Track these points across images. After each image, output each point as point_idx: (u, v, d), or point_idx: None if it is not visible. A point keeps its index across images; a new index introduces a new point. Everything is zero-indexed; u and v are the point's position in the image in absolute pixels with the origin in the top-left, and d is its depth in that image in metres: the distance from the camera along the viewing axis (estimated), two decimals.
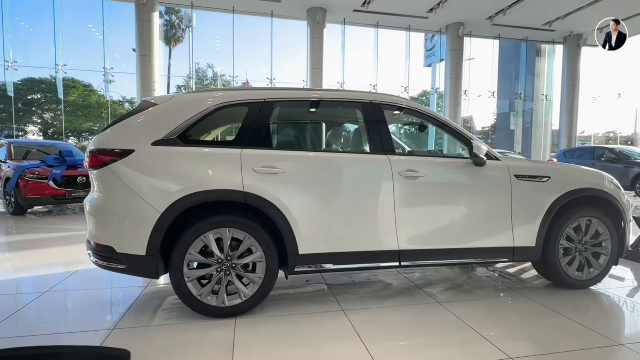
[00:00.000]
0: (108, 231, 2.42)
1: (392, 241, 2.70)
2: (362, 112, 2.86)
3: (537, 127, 20.42)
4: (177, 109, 2.58)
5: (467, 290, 3.15)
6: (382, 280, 3.38)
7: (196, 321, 2.43)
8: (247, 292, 2.49)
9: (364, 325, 2.41)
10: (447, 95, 15.90)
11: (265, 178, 2.48)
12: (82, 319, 2.61)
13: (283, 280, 3.22)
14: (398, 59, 17.70)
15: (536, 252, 2.97)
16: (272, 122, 2.74)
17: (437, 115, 3.02)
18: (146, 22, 12.51)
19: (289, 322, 2.47)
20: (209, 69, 24.54)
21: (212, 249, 2.43)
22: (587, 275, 3.10)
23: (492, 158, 2.94)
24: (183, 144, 2.48)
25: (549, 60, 19.88)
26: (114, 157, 2.38)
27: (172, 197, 2.35)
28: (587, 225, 3.08)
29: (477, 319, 2.54)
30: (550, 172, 3.01)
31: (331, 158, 2.75)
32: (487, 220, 2.87)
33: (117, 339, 2.21)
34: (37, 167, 6.79)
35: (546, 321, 2.54)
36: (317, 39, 13.97)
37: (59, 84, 15.81)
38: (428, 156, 3.13)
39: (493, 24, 15.21)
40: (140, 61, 12.55)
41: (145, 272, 2.41)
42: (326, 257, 2.61)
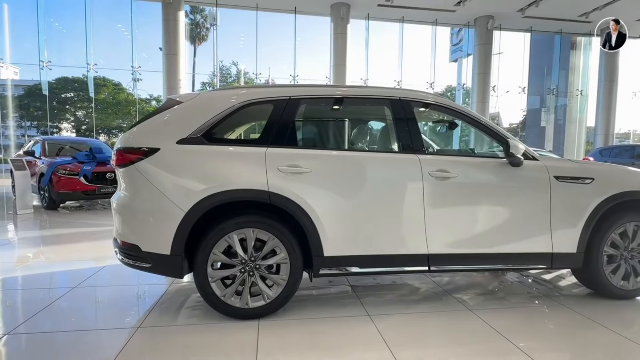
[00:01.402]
0: (134, 230, 2.42)
1: (422, 245, 2.58)
2: (391, 109, 2.75)
3: (571, 124, 19.50)
4: (202, 107, 2.54)
5: (500, 297, 2.99)
6: (408, 283, 3.26)
7: (220, 322, 2.40)
8: (271, 293, 2.44)
9: (392, 332, 2.31)
10: (474, 91, 15.41)
11: (291, 178, 2.42)
12: (109, 315, 2.64)
13: (306, 281, 3.15)
14: (423, 55, 17.33)
15: (577, 259, 2.77)
16: (297, 120, 2.67)
17: (470, 112, 2.86)
18: (172, 21, 12.73)
19: (314, 326, 2.40)
20: (233, 67, 24.85)
21: (236, 249, 2.39)
22: (633, 284, 2.87)
23: (529, 158, 2.76)
24: (208, 142, 2.45)
25: (585, 54, 18.91)
26: (140, 155, 2.38)
27: (197, 197, 2.32)
28: (635, 231, 2.85)
29: (511, 328, 2.39)
30: (594, 174, 2.80)
31: (358, 157, 2.65)
32: (524, 224, 2.70)
33: (141, 338, 2.21)
34: (68, 164, 7.02)
35: (586, 333, 2.36)
36: (341, 35, 13.81)
37: (90, 83, 16.37)
38: (460, 156, 2.97)
39: (524, 16, 14.57)
40: (167, 59, 12.79)
41: (169, 271, 2.40)
42: (352, 260, 2.52)
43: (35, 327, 2.34)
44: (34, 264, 3.87)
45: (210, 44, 18.70)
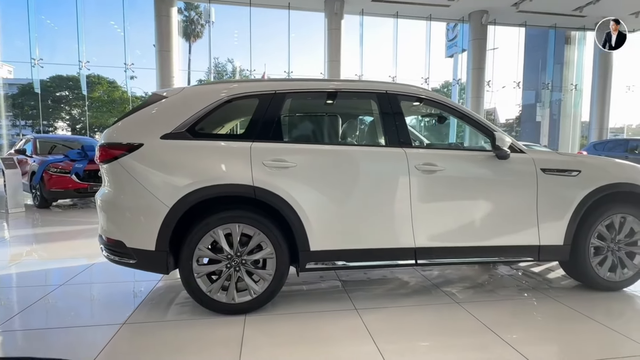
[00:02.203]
0: (118, 226, 2.40)
1: (408, 238, 2.58)
2: (378, 103, 2.73)
3: (566, 119, 19.57)
4: (186, 102, 2.52)
5: (489, 290, 2.99)
6: (398, 278, 3.26)
7: (206, 318, 2.40)
8: (257, 288, 2.44)
9: (378, 325, 2.31)
10: (469, 87, 15.42)
11: (276, 172, 2.40)
12: (97, 312, 2.63)
13: (296, 276, 3.16)
14: (418, 50, 17.29)
15: (564, 252, 2.78)
16: (283, 115, 2.65)
17: (457, 105, 2.86)
18: (165, 17, 12.64)
19: (300, 320, 2.40)
20: (229, 64, 24.70)
21: (222, 244, 2.38)
22: (620, 276, 2.89)
23: (516, 151, 2.76)
24: (192, 137, 2.43)
25: (579, 48, 18.94)
26: (124, 151, 2.36)
27: (181, 192, 2.31)
28: (622, 222, 2.86)
29: (498, 321, 2.40)
30: (581, 166, 2.80)
31: (344, 151, 2.64)
32: (511, 217, 2.71)
33: (127, 334, 2.20)
34: (60, 162, 6.97)
35: (573, 325, 2.37)
36: (335, 31, 13.77)
37: (82, 81, 16.26)
38: (447, 149, 2.97)
39: (519, 10, 14.58)
40: (160, 56, 12.72)
41: (154, 267, 2.39)
42: (339, 254, 2.51)
43: (20, 325, 2.33)
44: (24, 261, 3.85)
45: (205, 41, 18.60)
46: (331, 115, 3.13)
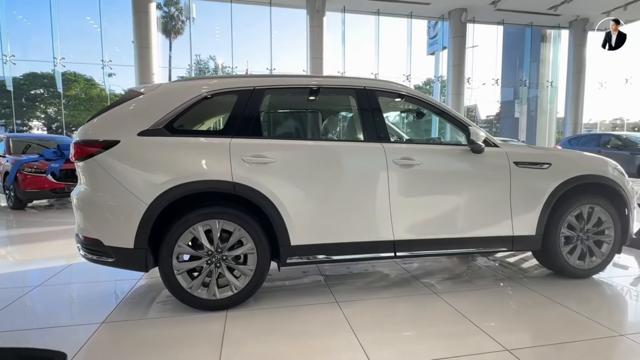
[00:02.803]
0: (95, 224, 2.37)
1: (387, 231, 2.63)
2: (356, 98, 2.77)
3: (542, 115, 20.14)
4: (163, 99, 2.50)
5: (466, 280, 3.08)
6: (380, 271, 3.32)
7: (188, 314, 2.39)
8: (239, 284, 2.45)
9: (358, 317, 2.36)
10: (449, 84, 15.69)
11: (255, 168, 2.41)
12: (74, 312, 2.59)
13: (281, 271, 3.17)
14: (400, 48, 17.46)
15: (536, 241, 2.89)
16: (262, 111, 2.66)
17: (433, 101, 2.92)
18: (143, 13, 12.38)
19: (281, 314, 2.42)
20: (211, 61, 24.36)
21: (202, 241, 2.38)
22: (589, 264, 3.02)
23: (490, 145, 2.85)
24: (170, 134, 2.41)
25: (555, 46, 19.50)
26: (100, 148, 2.32)
27: (160, 189, 2.29)
28: (590, 213, 2.99)
29: (475, 310, 2.48)
30: (551, 159, 2.91)
31: (323, 147, 2.67)
32: (485, 209, 2.79)
33: (106, 333, 2.18)
34: (35, 161, 6.77)
35: (546, 312, 2.47)
36: (317, 28, 13.77)
37: (58, 78, 15.77)
38: (424, 144, 3.03)
39: (497, 9, 14.91)
40: (139, 53, 12.46)
41: (133, 265, 2.37)
42: (319, 248, 2.55)
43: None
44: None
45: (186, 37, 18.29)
46: (310, 111, 3.16)
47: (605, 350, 2.00)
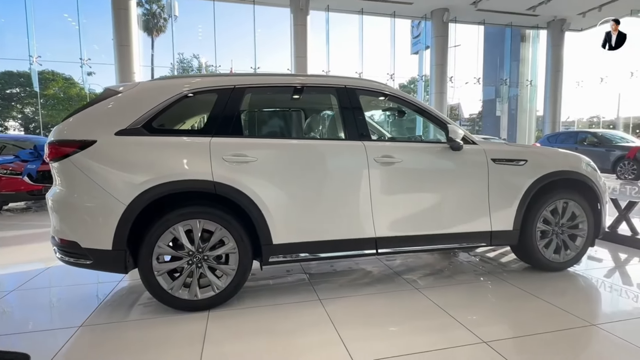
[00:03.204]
0: (72, 226, 2.32)
1: (369, 228, 2.66)
2: (337, 97, 2.79)
3: (522, 113, 20.61)
4: (142, 97, 2.47)
5: (448, 275, 3.14)
6: (363, 268, 3.35)
7: (170, 316, 2.37)
8: (220, 284, 2.44)
9: (340, 314, 2.38)
10: (432, 82, 15.89)
11: (236, 167, 2.40)
12: (51, 316, 2.52)
13: (265, 270, 3.17)
14: (384, 47, 17.58)
15: (513, 236, 2.96)
16: (242, 110, 2.65)
17: (414, 100, 2.97)
18: (123, 10, 12.12)
19: (264, 313, 2.42)
20: (194, 59, 24.01)
21: (182, 241, 2.36)
22: (564, 257, 3.12)
23: (469, 142, 2.91)
24: (149, 133, 2.38)
25: (534, 46, 19.97)
26: (75, 148, 2.28)
27: (138, 189, 2.26)
28: (564, 207, 3.09)
29: (454, 304, 2.53)
30: (527, 156, 2.99)
31: (305, 145, 2.68)
32: (465, 205, 2.85)
33: (84, 337, 2.14)
34: (10, 163, 6.56)
35: (522, 304, 2.54)
36: (301, 27, 13.75)
37: (34, 77, 15.30)
38: (405, 142, 3.07)
39: (477, 9, 15.17)
40: (119, 51, 12.20)
41: (112, 267, 2.33)
42: (301, 246, 2.55)
43: None
44: None
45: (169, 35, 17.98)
46: (291, 110, 3.16)
47: (577, 340, 2.07)
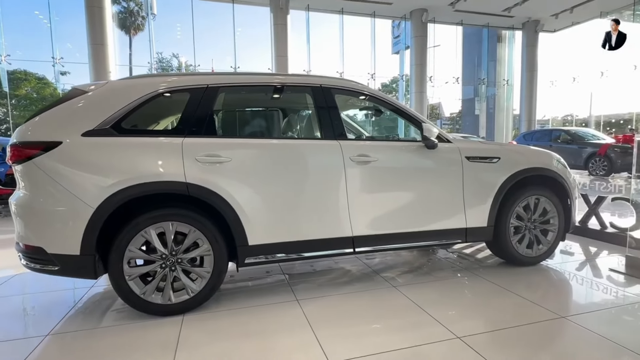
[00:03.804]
0: (37, 231, 2.23)
1: (346, 227, 2.66)
2: (312, 96, 2.77)
3: (500, 112, 21.12)
4: (111, 97, 2.39)
5: (425, 272, 3.17)
6: (342, 267, 3.35)
7: (143, 321, 2.31)
8: (195, 287, 2.39)
9: (316, 314, 2.37)
10: (412, 82, 16.08)
11: (210, 168, 2.36)
12: (15, 326, 2.42)
13: (244, 272, 3.13)
14: (365, 46, 17.67)
15: (488, 232, 3.02)
16: (216, 109, 2.61)
17: (388, 98, 2.98)
18: (97, 8, 11.77)
19: (240, 315, 2.39)
20: (174, 59, 23.57)
21: (155, 244, 2.30)
22: (536, 252, 3.20)
23: (444, 140, 2.94)
24: (118, 134, 2.31)
25: (510, 46, 20.49)
26: (39, 150, 2.19)
27: (107, 192, 2.19)
28: (536, 203, 3.17)
29: (431, 301, 2.55)
30: (500, 153, 3.05)
31: (280, 145, 2.65)
32: (440, 202, 2.89)
33: (51, 346, 2.06)
34: None
35: (496, 299, 2.59)
36: (281, 26, 13.69)
37: (3, 76, 14.69)
38: (380, 141, 3.09)
39: (455, 10, 15.43)
40: (93, 50, 11.84)
41: (81, 273, 2.25)
42: (278, 247, 2.53)
43: None
44: None
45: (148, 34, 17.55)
46: (266, 110, 3.13)
47: (546, 332, 2.13)
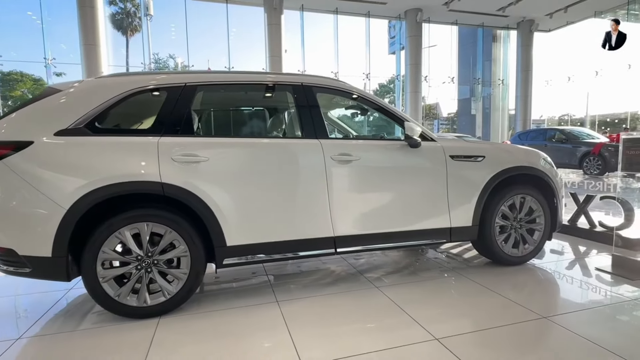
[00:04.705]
0: (7, 233, 2.17)
1: (327, 228, 2.62)
2: (293, 95, 2.74)
3: (495, 111, 21.14)
4: (85, 96, 2.35)
5: (411, 272, 3.14)
6: (328, 267, 3.30)
7: (118, 323, 2.26)
8: (172, 289, 2.35)
9: (295, 315, 2.33)
10: (407, 82, 16.07)
11: (186, 167, 2.32)
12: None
13: (229, 273, 3.09)
14: (360, 47, 17.66)
15: (473, 232, 2.99)
16: (194, 108, 2.57)
17: (370, 96, 2.95)
18: (89, 8, 11.71)
19: (218, 317, 2.35)
20: (170, 59, 23.52)
21: (129, 246, 2.26)
22: (522, 251, 3.17)
23: (427, 139, 2.91)
24: (92, 133, 2.27)
25: (504, 46, 20.51)
26: (9, 150, 2.14)
27: (79, 192, 2.14)
28: (522, 202, 3.13)
29: (412, 301, 2.52)
30: (485, 152, 3.02)
31: (258, 144, 2.61)
32: (424, 202, 2.85)
33: (19, 351, 2.01)
34: None
35: (479, 300, 2.56)
36: (275, 26, 13.65)
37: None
38: (362, 139, 3.05)
39: (450, 9, 15.43)
40: (85, 50, 11.78)
41: (53, 275, 2.20)
42: (257, 247, 2.49)
43: None
44: None
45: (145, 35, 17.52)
46: (246, 109, 3.09)
47: (526, 333, 2.09)
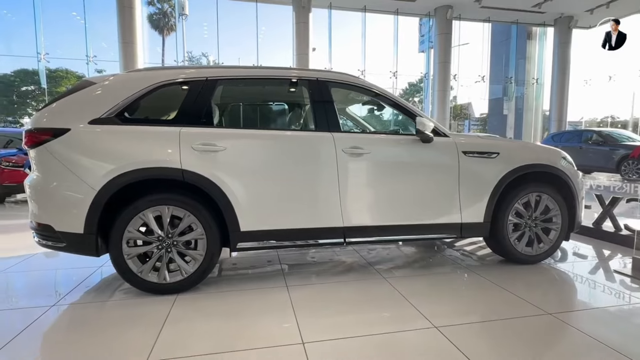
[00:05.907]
0: (46, 210, 2.43)
1: (337, 218, 2.71)
2: (308, 89, 2.85)
3: (529, 112, 20.36)
4: (116, 88, 2.56)
5: (422, 267, 3.17)
6: (340, 258, 3.39)
7: (139, 298, 2.47)
8: (189, 269, 2.52)
9: (303, 300, 2.44)
10: (436, 80, 15.79)
11: (205, 156, 2.48)
12: (28, 296, 2.64)
13: (246, 260, 3.25)
14: (389, 45, 17.50)
15: (484, 229, 2.99)
16: (214, 101, 2.73)
17: (384, 91, 3.01)
18: (127, 8, 12.33)
19: (230, 297, 2.50)
20: (203, 57, 24.30)
21: (152, 226, 2.45)
22: (536, 250, 3.13)
23: (440, 134, 2.94)
24: (121, 122, 2.48)
25: (540, 44, 19.69)
26: (50, 135, 2.38)
27: (108, 176, 2.36)
28: (537, 201, 3.09)
29: (418, 293, 2.55)
30: (500, 149, 3.00)
31: (273, 136, 2.74)
32: (434, 196, 2.88)
33: (52, 316, 2.25)
34: (13, 156, 6.78)
35: (484, 294, 2.56)
36: (303, 24, 13.81)
37: (42, 74, 15.63)
38: (374, 134, 3.12)
39: (482, 6, 15.00)
40: (123, 48, 12.42)
41: (84, 250, 2.43)
42: (269, 234, 2.62)
43: None
44: None
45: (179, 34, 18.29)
46: (262, 102, 3.22)
47: (526, 327, 2.09)
